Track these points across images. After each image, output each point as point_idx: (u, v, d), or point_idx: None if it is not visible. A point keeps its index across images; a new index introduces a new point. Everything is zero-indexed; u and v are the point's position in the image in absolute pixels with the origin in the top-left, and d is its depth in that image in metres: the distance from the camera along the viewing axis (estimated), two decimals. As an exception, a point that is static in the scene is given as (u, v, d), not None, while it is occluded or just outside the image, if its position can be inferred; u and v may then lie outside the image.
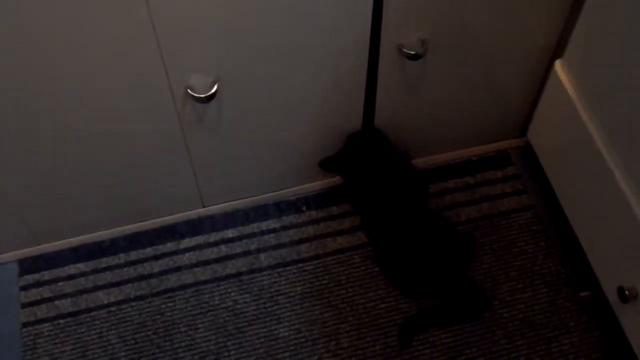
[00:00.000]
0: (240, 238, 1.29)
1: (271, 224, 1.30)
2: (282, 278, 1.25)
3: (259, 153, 1.23)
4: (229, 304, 1.22)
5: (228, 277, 1.25)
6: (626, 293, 1.01)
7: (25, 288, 1.25)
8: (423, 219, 1.22)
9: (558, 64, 1.15)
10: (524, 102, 1.29)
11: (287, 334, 1.19)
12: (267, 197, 1.32)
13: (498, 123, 1.33)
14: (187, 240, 1.29)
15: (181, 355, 1.18)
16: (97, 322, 1.22)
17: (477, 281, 1.22)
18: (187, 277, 1.25)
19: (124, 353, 1.19)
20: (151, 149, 1.15)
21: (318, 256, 1.26)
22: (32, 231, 1.25)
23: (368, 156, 1.22)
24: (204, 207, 1.31)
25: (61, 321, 1.22)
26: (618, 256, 1.07)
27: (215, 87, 1.04)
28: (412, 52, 1.08)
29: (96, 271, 1.26)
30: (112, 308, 1.23)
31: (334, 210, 1.31)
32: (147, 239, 1.29)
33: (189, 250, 1.28)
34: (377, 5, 1.01)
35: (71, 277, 1.26)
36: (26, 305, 1.23)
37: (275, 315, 1.21)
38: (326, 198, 1.33)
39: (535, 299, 1.20)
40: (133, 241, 1.29)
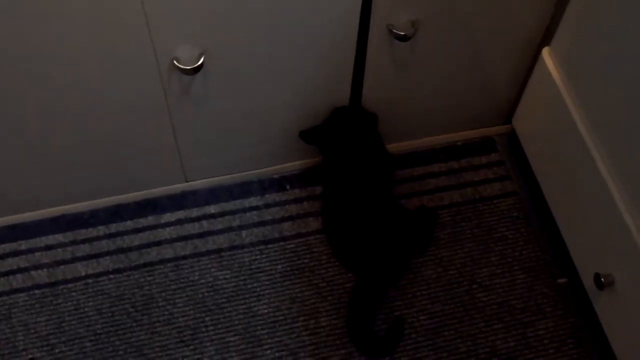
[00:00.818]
0: (222, 214, 1.28)
1: (254, 202, 1.30)
2: (263, 255, 1.24)
3: (244, 129, 1.22)
4: (209, 280, 1.22)
5: (209, 253, 1.24)
6: (602, 280, 1.02)
7: (1, 257, 1.24)
8: (379, 202, 1.20)
9: (545, 52, 1.15)
10: (511, 88, 1.30)
11: (267, 311, 1.19)
12: (251, 175, 1.32)
13: (484, 109, 1.34)
14: (169, 214, 1.28)
15: (158, 329, 1.17)
16: (74, 294, 1.20)
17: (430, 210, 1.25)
18: (167, 252, 1.24)
19: (100, 325, 1.18)
20: (135, 121, 1.13)
21: (300, 235, 1.26)
22: (10, 200, 1.23)
23: (344, 132, 1.21)
24: (187, 182, 1.30)
25: (37, 292, 1.21)
26: (596, 243, 1.08)
27: (202, 59, 1.03)
28: (402, 33, 1.08)
29: (75, 243, 1.25)
30: (90, 280, 1.22)
31: (318, 189, 1.31)
32: (128, 212, 1.28)
33: (170, 224, 1.27)
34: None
35: (49, 248, 1.25)
36: (2, 274, 1.22)
37: (255, 292, 1.21)
38: (310, 177, 1.32)
39: (513, 284, 1.22)
40: (113, 214, 1.28)
